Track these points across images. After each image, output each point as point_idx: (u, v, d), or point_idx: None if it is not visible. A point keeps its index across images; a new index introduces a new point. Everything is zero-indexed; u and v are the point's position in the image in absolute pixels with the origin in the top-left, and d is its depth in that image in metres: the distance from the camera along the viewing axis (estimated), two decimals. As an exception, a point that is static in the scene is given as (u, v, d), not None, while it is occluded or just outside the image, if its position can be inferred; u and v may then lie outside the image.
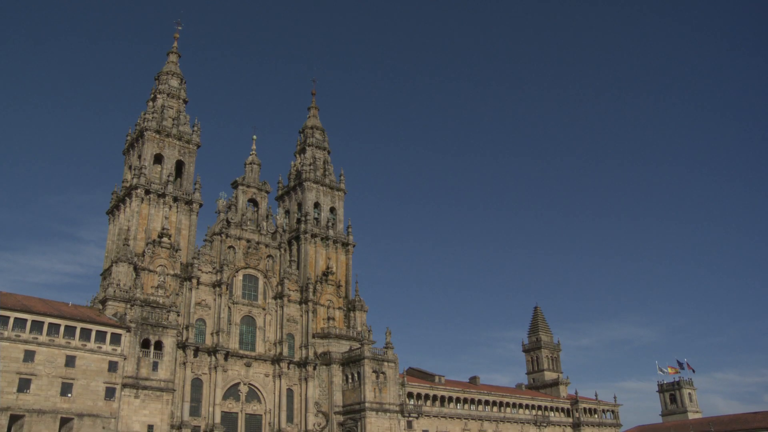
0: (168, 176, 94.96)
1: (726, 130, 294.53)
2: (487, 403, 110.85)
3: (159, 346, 78.78)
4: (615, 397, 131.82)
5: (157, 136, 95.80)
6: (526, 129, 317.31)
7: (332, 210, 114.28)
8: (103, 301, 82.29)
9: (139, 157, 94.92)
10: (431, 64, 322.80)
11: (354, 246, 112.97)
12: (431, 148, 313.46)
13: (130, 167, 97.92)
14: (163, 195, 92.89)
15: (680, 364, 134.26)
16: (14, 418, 65.42)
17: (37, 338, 68.60)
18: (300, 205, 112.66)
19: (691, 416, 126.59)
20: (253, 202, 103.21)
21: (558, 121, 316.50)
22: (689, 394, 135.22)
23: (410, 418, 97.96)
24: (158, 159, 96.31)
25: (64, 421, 68.29)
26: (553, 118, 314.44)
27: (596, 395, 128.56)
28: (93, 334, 72.83)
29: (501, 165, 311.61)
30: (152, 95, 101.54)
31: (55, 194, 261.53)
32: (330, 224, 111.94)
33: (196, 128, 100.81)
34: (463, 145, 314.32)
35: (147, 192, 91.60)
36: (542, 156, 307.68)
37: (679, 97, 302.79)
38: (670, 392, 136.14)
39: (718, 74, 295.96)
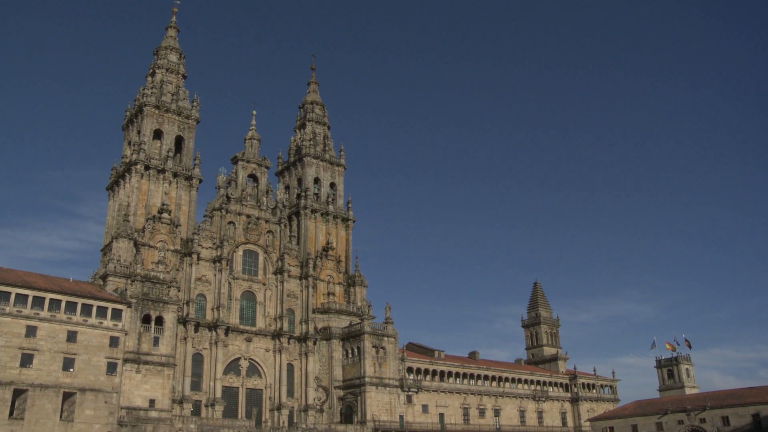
0: (168, 152, 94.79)
1: (725, 106, 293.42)
2: (486, 378, 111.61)
3: (160, 321, 79.18)
4: (613, 373, 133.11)
5: (157, 111, 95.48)
6: (527, 106, 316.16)
7: (332, 185, 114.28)
8: (104, 277, 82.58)
9: (139, 132, 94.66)
10: (431, 38, 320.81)
11: (354, 221, 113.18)
12: (431, 123, 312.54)
13: (129, 143, 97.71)
14: (163, 170, 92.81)
15: (677, 342, 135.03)
16: (18, 393, 65.93)
17: (38, 314, 68.87)
18: (300, 181, 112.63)
19: (688, 391, 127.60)
20: (253, 177, 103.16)
21: (559, 98, 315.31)
22: (687, 369, 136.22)
23: (410, 393, 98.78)
24: (158, 134, 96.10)
25: (67, 396, 68.84)
26: (554, 95, 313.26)
27: (595, 371, 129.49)
28: (94, 309, 73.09)
29: (502, 142, 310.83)
30: (151, 70, 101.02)
31: (53, 170, 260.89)
32: (330, 200, 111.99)
33: (195, 103, 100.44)
34: (463, 121, 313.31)
35: (147, 167, 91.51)
36: (543, 132, 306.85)
37: (679, 74, 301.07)
38: (668, 368, 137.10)
39: (715, 55, 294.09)
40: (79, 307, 71.87)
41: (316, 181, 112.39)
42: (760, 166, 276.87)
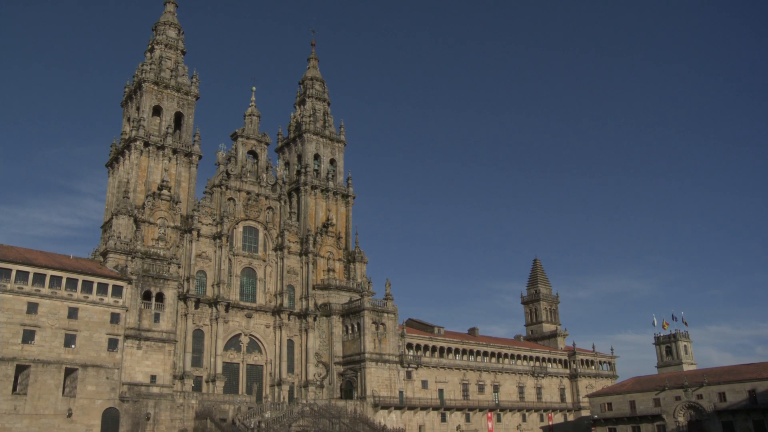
0: (167, 128, 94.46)
1: (723, 86, 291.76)
2: (485, 354, 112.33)
3: (160, 297, 79.49)
4: (612, 349, 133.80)
5: (156, 87, 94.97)
6: (527, 85, 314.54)
7: (332, 162, 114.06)
8: (104, 254, 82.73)
9: (138, 109, 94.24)
10: (432, 14, 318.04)
11: (354, 198, 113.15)
12: (432, 100, 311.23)
13: (128, 119, 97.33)
14: (163, 147, 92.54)
15: (675, 318, 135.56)
16: (20, 368, 66.40)
17: (39, 290, 69.11)
18: (300, 157, 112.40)
19: (686, 368, 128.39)
20: (253, 153, 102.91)
21: (557, 75, 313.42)
22: (685, 346, 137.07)
23: (409, 369, 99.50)
24: (157, 111, 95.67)
25: (69, 372, 69.33)
26: (554, 72, 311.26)
27: (593, 347, 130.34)
28: (95, 286, 73.32)
29: (501, 119, 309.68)
30: (150, 46, 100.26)
31: (52, 147, 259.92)
32: (330, 176, 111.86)
33: (194, 79, 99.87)
34: (463, 97, 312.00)
35: (146, 144, 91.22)
36: (542, 110, 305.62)
37: (677, 51, 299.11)
38: (666, 345, 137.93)
39: (712, 32, 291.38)
40: (79, 283, 72.09)
41: (316, 157, 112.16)
42: (758, 143, 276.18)
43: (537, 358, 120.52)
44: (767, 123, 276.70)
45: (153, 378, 76.12)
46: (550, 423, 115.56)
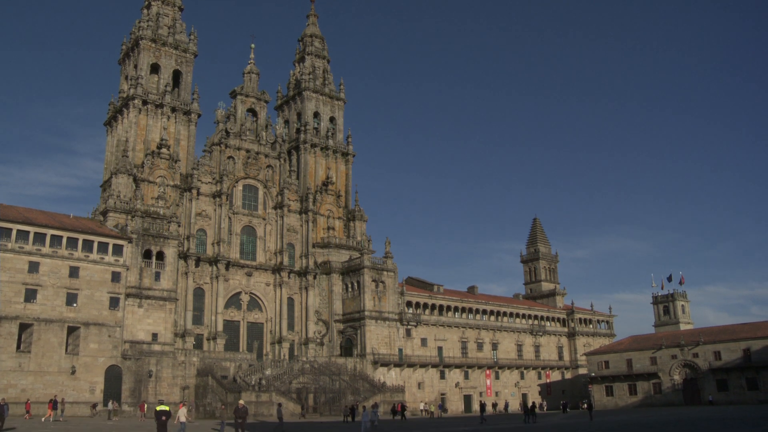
0: (165, 86, 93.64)
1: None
2: (484, 312, 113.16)
3: (161, 256, 79.85)
4: (610, 308, 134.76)
5: (153, 45, 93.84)
6: (528, 45, 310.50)
7: (332, 120, 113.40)
8: (104, 213, 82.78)
9: (135, 67, 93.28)
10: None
11: (354, 156, 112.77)
12: (431, 58, 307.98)
13: (126, 77, 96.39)
14: (161, 105, 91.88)
15: (671, 279, 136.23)
16: (23, 327, 67.17)
17: (40, 250, 69.41)
18: (299, 115, 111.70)
19: (682, 327, 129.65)
20: (252, 112, 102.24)
21: (556, 23, 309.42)
22: (682, 306, 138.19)
23: (409, 327, 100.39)
24: (155, 69, 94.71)
25: (71, 330, 70.10)
26: (553, 24, 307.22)
27: (592, 306, 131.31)
28: (95, 245, 73.65)
29: (501, 76, 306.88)
30: (147, 2, 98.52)
31: (46, 106, 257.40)
32: (329, 134, 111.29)
33: (192, 37, 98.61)
34: (463, 56, 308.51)
35: (144, 102, 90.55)
36: (543, 70, 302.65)
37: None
38: (664, 304, 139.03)
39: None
40: (80, 243, 72.42)
41: (316, 115, 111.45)
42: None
43: (535, 317, 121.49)
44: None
45: (154, 336, 76.95)
46: (548, 381, 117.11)
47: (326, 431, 44.45)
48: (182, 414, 39.07)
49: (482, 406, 66.45)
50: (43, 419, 57.45)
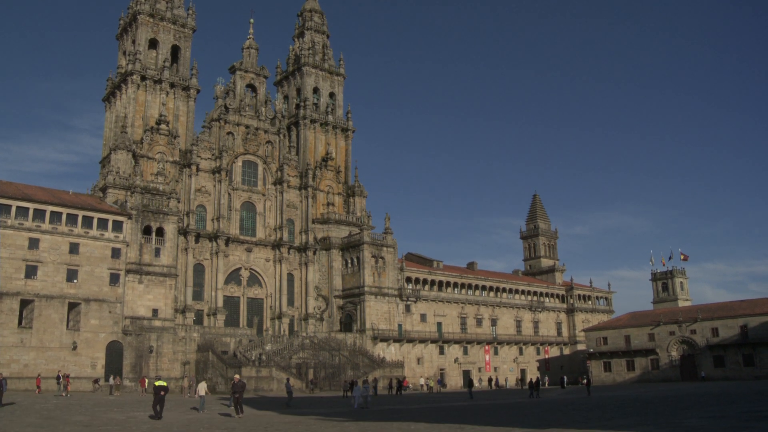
0: (164, 62, 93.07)
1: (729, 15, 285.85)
2: (484, 288, 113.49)
3: (160, 232, 79.95)
4: (609, 285, 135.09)
5: (151, 20, 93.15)
6: (526, 12, 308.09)
7: (331, 95, 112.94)
8: (104, 189, 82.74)
9: (134, 42, 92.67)
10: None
11: (353, 131, 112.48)
12: (432, 33, 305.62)
13: (124, 53, 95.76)
14: (160, 81, 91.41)
15: (672, 257, 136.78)
16: (24, 303, 67.41)
17: (40, 226, 69.41)
18: (299, 91, 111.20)
19: (681, 304, 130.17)
20: (252, 87, 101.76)
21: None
22: (681, 282, 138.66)
23: (408, 302, 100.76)
24: (153, 44, 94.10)
25: (72, 306, 70.36)
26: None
27: (591, 282, 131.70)
28: (95, 221, 73.63)
29: (501, 53, 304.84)
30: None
31: (43, 82, 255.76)
32: (329, 109, 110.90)
33: (191, 11, 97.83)
34: (463, 31, 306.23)
35: (143, 78, 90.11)
36: (544, 45, 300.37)
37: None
38: (663, 281, 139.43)
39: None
40: (80, 219, 72.38)
41: (315, 90, 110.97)
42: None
43: (535, 293, 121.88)
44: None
45: (155, 312, 77.30)
46: (547, 356, 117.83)
47: (333, 406, 44.77)
48: (202, 388, 40.04)
49: (470, 382, 66.94)
50: (56, 395, 57.12)
